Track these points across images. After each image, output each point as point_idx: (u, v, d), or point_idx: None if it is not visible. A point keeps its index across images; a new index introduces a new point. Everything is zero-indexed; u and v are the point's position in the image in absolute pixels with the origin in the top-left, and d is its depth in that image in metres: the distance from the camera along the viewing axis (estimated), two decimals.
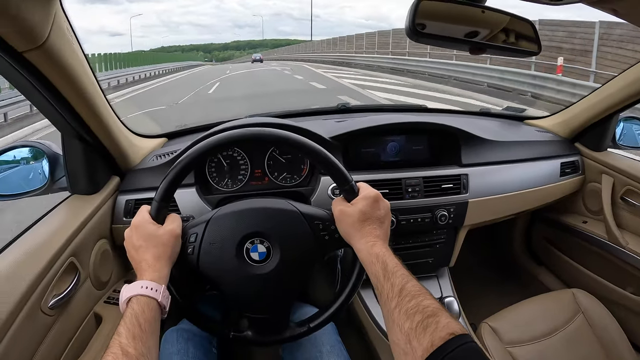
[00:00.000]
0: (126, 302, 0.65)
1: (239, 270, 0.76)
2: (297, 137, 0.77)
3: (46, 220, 0.95)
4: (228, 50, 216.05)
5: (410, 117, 1.35)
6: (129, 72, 18.83)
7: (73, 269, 0.91)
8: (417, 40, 0.78)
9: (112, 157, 1.08)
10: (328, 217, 0.79)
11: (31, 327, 0.76)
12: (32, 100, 0.85)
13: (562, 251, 1.57)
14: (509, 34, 0.85)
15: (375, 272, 0.67)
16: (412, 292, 0.60)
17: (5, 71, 0.74)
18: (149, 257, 0.71)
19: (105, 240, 1.06)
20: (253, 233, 0.77)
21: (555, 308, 1.17)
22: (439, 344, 0.51)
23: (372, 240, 0.71)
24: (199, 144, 0.77)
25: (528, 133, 1.46)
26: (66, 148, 0.99)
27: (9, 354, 0.68)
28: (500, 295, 1.60)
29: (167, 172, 0.76)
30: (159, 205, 0.75)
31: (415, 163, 1.26)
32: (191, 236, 0.77)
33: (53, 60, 0.74)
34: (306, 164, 1.18)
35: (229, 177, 1.17)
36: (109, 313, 1.00)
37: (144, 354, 0.57)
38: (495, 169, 1.27)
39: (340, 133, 1.17)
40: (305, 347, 0.92)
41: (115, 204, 1.10)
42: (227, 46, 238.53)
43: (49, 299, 0.81)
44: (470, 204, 1.21)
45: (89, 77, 0.86)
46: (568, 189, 1.42)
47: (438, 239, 1.26)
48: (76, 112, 0.88)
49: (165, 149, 1.26)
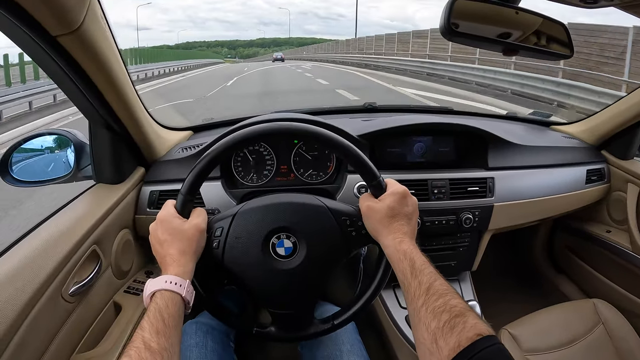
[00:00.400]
0: (150, 297, 0.65)
1: (264, 265, 0.76)
2: (327, 132, 0.77)
3: (70, 207, 0.96)
4: (253, 47, 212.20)
5: (438, 118, 1.33)
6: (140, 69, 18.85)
7: (95, 257, 0.92)
8: (450, 39, 0.77)
9: (138, 148, 1.09)
10: (355, 212, 0.79)
11: (51, 313, 0.76)
12: (62, 87, 0.85)
13: (584, 260, 1.55)
14: (541, 37, 0.85)
15: (403, 269, 0.66)
16: (440, 290, 0.60)
17: (37, 56, 0.74)
18: (173, 251, 0.70)
19: (127, 230, 1.06)
20: (279, 228, 0.76)
21: (575, 318, 1.15)
22: (466, 345, 0.51)
23: (399, 236, 0.70)
24: (227, 137, 0.76)
25: (554, 138, 1.43)
26: (93, 137, 0.99)
27: (28, 338, 0.69)
28: (520, 302, 1.57)
29: (194, 165, 0.75)
30: (185, 199, 0.75)
31: (441, 164, 1.25)
32: (217, 230, 0.77)
33: (86, 46, 0.74)
34: (332, 162, 1.18)
35: (254, 172, 1.17)
36: (128, 302, 1.00)
37: (166, 349, 0.56)
38: (521, 174, 1.25)
39: (368, 132, 1.16)
40: (326, 344, 0.92)
41: (139, 194, 1.11)
42: (252, 43, 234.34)
43: (70, 286, 0.82)
44: (496, 208, 1.19)
45: (120, 66, 0.86)
46: (593, 197, 1.40)
47: (462, 242, 1.24)
48: (106, 101, 0.88)
49: (191, 141, 1.26)
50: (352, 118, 1.40)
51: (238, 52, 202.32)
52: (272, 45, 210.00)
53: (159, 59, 25.51)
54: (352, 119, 1.36)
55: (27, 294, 0.70)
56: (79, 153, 1.02)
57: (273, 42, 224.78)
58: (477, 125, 1.23)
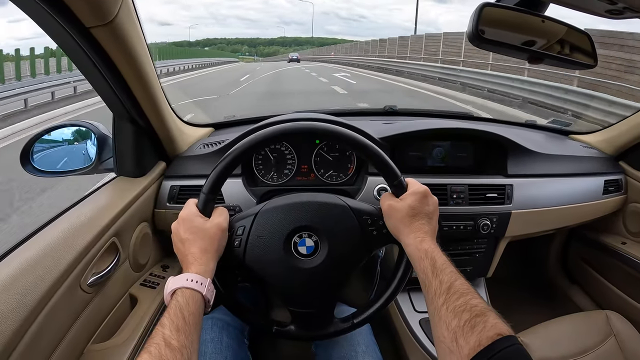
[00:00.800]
0: (171, 294, 0.65)
1: (285, 263, 0.76)
2: (349, 132, 0.77)
3: (92, 199, 0.97)
4: (273, 46, 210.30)
5: (459, 123, 1.33)
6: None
7: (114, 249, 0.92)
8: (477, 45, 0.78)
9: (161, 143, 1.10)
10: (376, 212, 0.79)
11: (69, 303, 0.77)
12: (89, 79, 0.86)
13: (597, 271, 1.53)
14: (565, 45, 0.85)
15: (424, 267, 0.66)
16: (461, 290, 0.60)
17: (68, 46, 0.75)
18: (195, 250, 0.70)
19: (146, 224, 1.07)
20: (301, 227, 0.77)
21: (587, 328, 1.14)
22: (486, 344, 0.51)
23: (420, 235, 0.71)
24: (251, 135, 0.77)
25: (573, 148, 1.43)
26: (117, 130, 1.00)
27: (46, 326, 0.69)
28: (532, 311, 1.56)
29: (216, 164, 0.76)
30: (207, 198, 0.75)
31: (460, 170, 1.25)
32: (238, 229, 0.77)
33: (118, 39, 0.75)
34: (353, 163, 1.18)
35: (275, 171, 1.17)
36: (144, 295, 1.01)
37: (186, 347, 0.56)
38: (540, 182, 1.25)
39: (389, 134, 1.17)
40: (341, 345, 0.92)
41: (159, 188, 1.12)
42: (273, 41, 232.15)
43: (88, 276, 0.83)
44: (513, 215, 1.19)
45: (149, 61, 0.87)
46: (609, 208, 1.39)
47: (478, 248, 1.25)
48: (132, 94, 0.89)
49: (212, 138, 1.27)
50: (372, 120, 1.40)
51: (258, 50, 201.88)
52: (293, 44, 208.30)
53: (167, 57, 25.50)
54: (372, 122, 1.36)
55: (47, 282, 0.71)
56: (101, 145, 1.03)
57: (294, 41, 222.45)
58: (497, 131, 1.23)
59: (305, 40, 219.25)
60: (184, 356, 0.55)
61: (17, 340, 0.63)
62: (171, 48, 32.23)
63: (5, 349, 0.60)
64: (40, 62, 11.23)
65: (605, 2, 0.63)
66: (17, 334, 0.62)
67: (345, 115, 1.48)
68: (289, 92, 12.57)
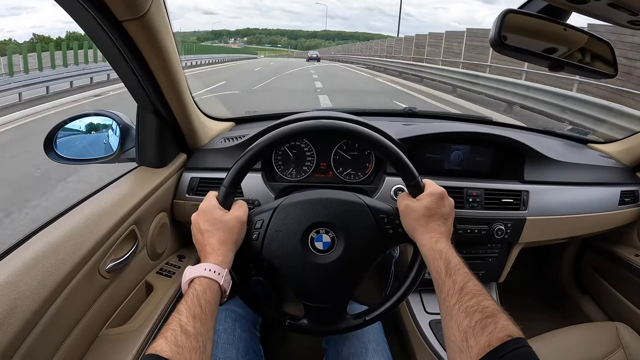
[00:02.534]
0: (188, 283, 0.66)
1: (302, 258, 0.77)
2: (368, 131, 0.78)
3: (113, 186, 0.99)
4: (316, 39, 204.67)
5: (478, 127, 1.34)
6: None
7: (133, 237, 0.94)
8: (499, 51, 0.79)
9: (183, 135, 1.12)
10: (393, 211, 0.80)
11: (87, 287, 0.79)
12: (117, 71, 0.88)
13: (609, 282, 1.52)
14: (585, 54, 0.85)
15: (438, 267, 0.67)
16: (473, 291, 0.61)
17: (99, 38, 0.77)
18: (214, 241, 0.72)
19: (165, 214, 1.09)
20: (319, 222, 0.78)
21: (596, 339, 1.13)
22: (496, 345, 0.52)
23: (436, 236, 0.72)
24: (273, 132, 0.78)
25: (591, 157, 1.42)
26: (141, 121, 1.02)
27: (64, 309, 0.71)
28: (542, 318, 1.56)
29: (238, 158, 0.77)
30: (227, 191, 0.77)
31: (477, 174, 1.26)
32: (257, 223, 0.78)
33: (148, 33, 0.77)
34: (371, 163, 1.19)
35: (294, 167, 1.19)
36: (160, 283, 1.03)
37: (202, 334, 0.57)
38: (556, 189, 1.25)
39: (408, 136, 1.18)
40: (352, 341, 0.93)
41: (179, 179, 1.13)
42: (316, 34, 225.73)
43: (107, 262, 0.84)
44: (528, 222, 1.19)
45: (176, 55, 0.89)
46: (625, 219, 1.38)
47: (492, 253, 1.25)
48: (159, 87, 0.91)
49: (233, 132, 1.29)
50: (392, 121, 1.41)
51: (299, 42, 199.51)
52: (337, 38, 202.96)
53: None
54: (392, 122, 1.37)
55: (68, 266, 0.72)
56: (124, 135, 1.05)
57: (338, 35, 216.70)
58: (515, 137, 1.23)
59: (350, 35, 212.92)
60: (199, 343, 0.56)
61: (36, 320, 0.65)
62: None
63: (24, 329, 0.62)
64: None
65: (627, 13, 0.64)
66: (36, 314, 0.64)
67: (365, 115, 1.48)
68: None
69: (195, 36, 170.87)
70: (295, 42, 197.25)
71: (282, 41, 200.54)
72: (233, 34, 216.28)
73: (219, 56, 33.67)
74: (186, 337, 0.55)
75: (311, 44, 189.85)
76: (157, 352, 0.52)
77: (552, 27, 0.78)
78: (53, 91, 9.60)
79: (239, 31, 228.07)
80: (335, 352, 0.94)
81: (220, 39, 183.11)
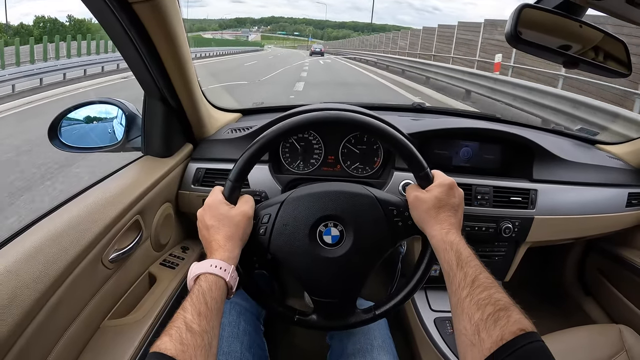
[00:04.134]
0: (194, 279, 0.65)
1: (310, 252, 0.76)
2: (377, 123, 0.77)
3: (118, 176, 0.97)
4: (343, 30, 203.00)
5: (488, 124, 1.32)
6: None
7: (137, 227, 0.93)
8: (515, 46, 0.78)
9: (189, 124, 1.10)
10: (402, 203, 0.79)
11: (90, 277, 0.78)
12: (125, 56, 0.87)
13: (614, 284, 1.51)
14: (599, 52, 0.84)
15: (449, 259, 0.66)
16: (485, 283, 0.60)
17: (107, 21, 0.75)
18: (220, 237, 0.70)
19: (169, 204, 1.07)
20: (327, 216, 0.77)
21: (599, 341, 1.12)
22: (509, 339, 0.51)
23: (446, 227, 0.71)
24: (280, 123, 0.76)
25: (599, 157, 1.41)
26: (147, 109, 1.01)
27: (66, 299, 0.70)
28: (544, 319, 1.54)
29: (244, 152, 0.76)
30: (233, 186, 0.75)
31: (485, 171, 1.25)
32: (264, 217, 0.77)
33: (158, 17, 0.76)
34: (380, 157, 1.18)
35: (301, 160, 1.18)
36: (163, 275, 1.02)
37: (207, 332, 0.56)
38: (564, 189, 1.24)
39: (418, 130, 1.16)
40: (357, 337, 0.92)
41: (185, 170, 1.12)
42: (344, 25, 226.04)
43: (110, 252, 0.83)
44: (536, 221, 1.18)
45: (185, 42, 0.88)
46: (631, 221, 1.37)
47: (498, 252, 1.24)
48: (166, 74, 0.90)
49: (240, 123, 1.28)
50: (400, 116, 1.40)
51: (326, 32, 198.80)
52: (366, 29, 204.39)
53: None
54: (400, 117, 1.36)
55: (71, 255, 0.71)
56: (130, 124, 1.04)
57: (367, 27, 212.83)
58: (525, 135, 1.22)
59: (380, 27, 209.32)
60: (205, 340, 0.55)
61: (38, 310, 0.64)
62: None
63: (26, 318, 0.61)
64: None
65: None
66: (37, 303, 0.63)
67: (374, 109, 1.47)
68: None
69: (217, 24, 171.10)
70: (322, 33, 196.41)
71: (307, 30, 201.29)
72: (257, 22, 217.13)
73: (203, 50, 28.17)
74: (191, 335, 0.54)
75: (339, 34, 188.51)
76: (161, 350, 0.51)
77: (567, 23, 0.78)
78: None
79: (264, 19, 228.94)
80: (340, 348, 0.93)
81: (242, 26, 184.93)
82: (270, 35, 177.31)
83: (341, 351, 0.92)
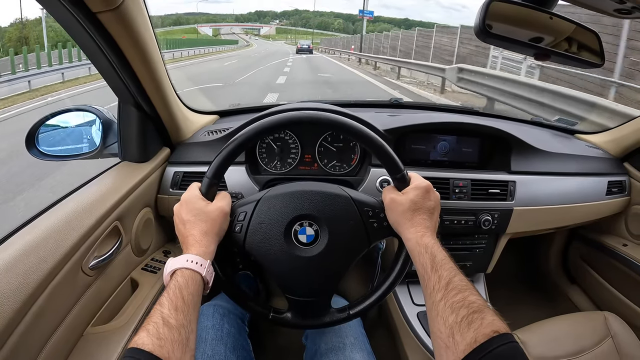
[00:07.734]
0: (170, 274, 0.65)
1: (285, 251, 0.76)
2: (354, 123, 0.77)
3: (96, 182, 0.97)
4: (379, 23, 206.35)
5: (464, 117, 1.33)
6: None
7: (116, 233, 0.93)
8: (484, 40, 0.78)
9: (165, 129, 1.10)
10: (378, 204, 0.79)
11: (70, 285, 0.78)
12: (95, 64, 0.86)
13: (598, 272, 1.53)
14: (572, 43, 0.84)
15: (423, 262, 0.66)
16: (459, 286, 0.60)
17: (74, 31, 0.75)
18: (196, 232, 0.70)
19: (149, 209, 1.07)
20: (302, 215, 0.77)
21: (585, 329, 1.14)
22: (482, 341, 0.51)
23: (421, 230, 0.71)
24: (255, 123, 0.76)
25: (578, 147, 1.42)
26: (122, 115, 1.01)
27: (47, 308, 0.70)
28: (530, 308, 1.57)
29: (221, 150, 0.76)
30: (210, 182, 0.76)
31: (463, 165, 1.25)
32: (240, 214, 0.77)
33: (124, 25, 0.75)
34: (356, 154, 1.18)
35: (278, 160, 1.18)
36: (145, 280, 1.02)
37: (184, 326, 0.56)
38: (543, 180, 1.25)
39: (394, 127, 1.16)
40: (329, 337, 0.92)
41: (163, 174, 1.12)
42: (378, 18, 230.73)
43: (90, 259, 0.83)
44: (515, 212, 1.19)
45: (155, 47, 0.87)
46: (612, 209, 1.38)
47: (479, 244, 1.25)
48: (138, 80, 0.89)
49: (217, 125, 1.27)
50: (378, 112, 1.40)
51: (357, 26, 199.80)
52: (403, 25, 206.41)
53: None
54: (378, 114, 1.36)
55: (49, 264, 0.71)
56: (106, 130, 1.03)
57: (392, 22, 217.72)
58: (502, 127, 1.22)
59: (411, 23, 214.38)
60: (182, 335, 0.55)
61: (19, 320, 0.64)
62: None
63: (7, 328, 0.61)
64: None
65: (615, 1, 0.63)
66: (18, 313, 0.63)
67: (351, 106, 1.47)
68: None
69: (233, 17, 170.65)
70: (354, 27, 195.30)
71: (335, 23, 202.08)
72: (279, 16, 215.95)
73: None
74: (168, 330, 0.54)
75: (370, 28, 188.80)
76: (138, 345, 0.51)
77: (538, 15, 0.77)
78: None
79: (286, 12, 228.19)
80: (314, 348, 0.93)
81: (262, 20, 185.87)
82: (288, 29, 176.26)
83: (315, 351, 0.92)
